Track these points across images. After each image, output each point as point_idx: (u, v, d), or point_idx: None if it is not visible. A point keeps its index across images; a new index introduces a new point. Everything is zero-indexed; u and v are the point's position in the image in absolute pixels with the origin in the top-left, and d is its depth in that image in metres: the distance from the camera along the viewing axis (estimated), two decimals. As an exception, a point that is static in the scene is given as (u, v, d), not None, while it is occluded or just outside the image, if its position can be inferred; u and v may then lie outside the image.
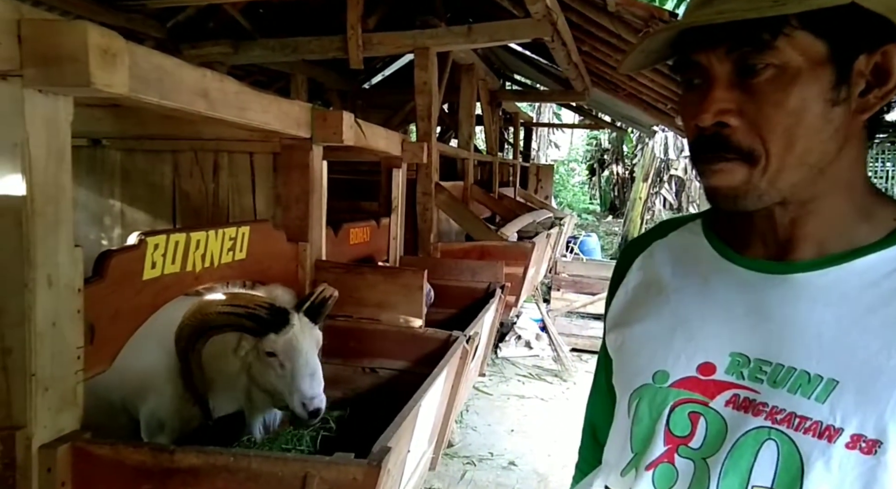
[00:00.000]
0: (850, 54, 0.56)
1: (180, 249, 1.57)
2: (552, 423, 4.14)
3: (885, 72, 0.57)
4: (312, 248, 2.25)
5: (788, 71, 0.56)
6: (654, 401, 0.66)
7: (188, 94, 1.48)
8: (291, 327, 1.61)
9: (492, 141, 6.52)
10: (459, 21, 4.49)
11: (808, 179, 0.59)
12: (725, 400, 0.62)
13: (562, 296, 6.46)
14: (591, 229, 13.15)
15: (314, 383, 1.60)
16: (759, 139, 0.58)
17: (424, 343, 2.27)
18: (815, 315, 0.59)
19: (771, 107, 0.57)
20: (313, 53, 3.82)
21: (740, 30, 0.56)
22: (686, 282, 0.70)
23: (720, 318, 0.65)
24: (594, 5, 3.63)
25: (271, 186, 2.26)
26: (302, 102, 2.14)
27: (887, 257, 0.59)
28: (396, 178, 3.34)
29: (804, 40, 0.55)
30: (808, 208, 0.62)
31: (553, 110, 15.70)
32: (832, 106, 0.57)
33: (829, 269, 0.60)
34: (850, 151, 0.60)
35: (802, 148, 0.57)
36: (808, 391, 0.57)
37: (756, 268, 0.64)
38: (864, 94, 0.58)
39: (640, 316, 0.72)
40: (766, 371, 0.60)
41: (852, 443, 0.54)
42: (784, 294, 0.62)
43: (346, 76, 5.64)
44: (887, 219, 0.61)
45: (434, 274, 3.29)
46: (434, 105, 3.76)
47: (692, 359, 0.65)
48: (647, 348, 0.69)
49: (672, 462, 0.63)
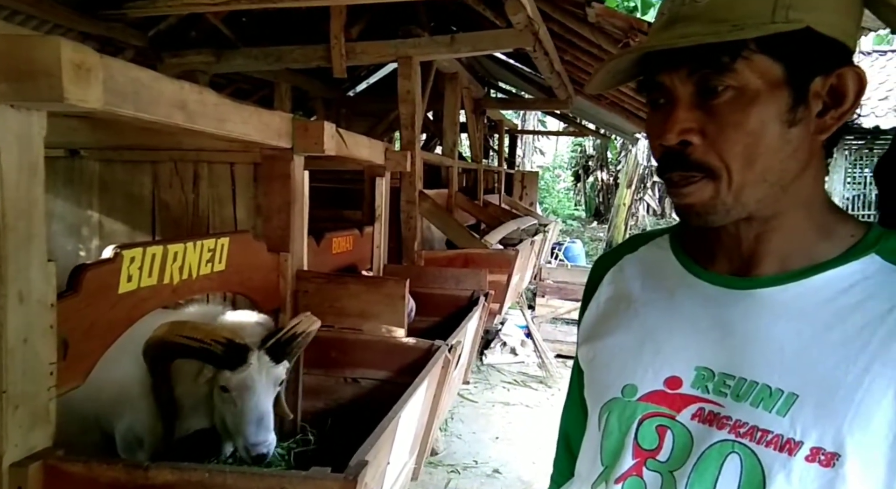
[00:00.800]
0: (807, 77, 0.58)
1: (157, 262, 1.56)
2: (537, 430, 4.14)
3: (840, 94, 0.59)
4: (294, 259, 2.24)
5: (747, 93, 0.58)
6: (623, 415, 0.67)
7: (166, 106, 1.47)
8: (247, 366, 1.55)
9: (476, 148, 6.55)
10: (442, 30, 4.52)
11: (771, 196, 0.61)
12: (691, 413, 0.63)
13: (547, 302, 6.47)
14: (576, 235, 13.22)
15: (260, 430, 1.54)
16: (719, 157, 0.59)
17: (406, 353, 2.27)
18: (777, 330, 0.60)
19: (731, 127, 0.58)
20: (296, 62, 3.82)
21: (701, 53, 0.57)
22: (654, 297, 0.71)
23: (686, 333, 0.66)
24: (575, 16, 3.67)
25: (252, 197, 2.25)
26: (283, 113, 2.14)
27: (843, 274, 0.60)
28: (380, 186, 3.34)
29: (762, 63, 0.57)
30: (771, 224, 0.63)
31: (538, 117, 15.81)
32: (789, 126, 0.59)
33: (789, 285, 0.62)
34: (812, 170, 0.62)
35: (762, 166, 0.59)
36: (770, 405, 0.58)
37: (720, 284, 0.66)
38: (821, 114, 0.60)
39: (611, 329, 0.74)
40: (729, 385, 0.61)
41: (811, 456, 0.55)
42: (747, 309, 0.63)
43: (331, 84, 5.65)
44: (845, 235, 0.63)
45: (418, 282, 3.30)
46: (418, 113, 3.78)
47: (659, 373, 0.66)
48: (617, 362, 0.71)
49: (640, 475, 0.64)
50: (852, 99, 0.59)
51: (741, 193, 0.60)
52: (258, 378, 1.57)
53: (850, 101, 0.59)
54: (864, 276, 0.59)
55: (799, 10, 0.55)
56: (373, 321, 2.28)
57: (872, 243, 0.61)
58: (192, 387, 1.61)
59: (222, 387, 1.57)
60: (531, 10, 3.31)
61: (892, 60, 9.26)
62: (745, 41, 0.56)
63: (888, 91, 7.81)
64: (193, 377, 1.60)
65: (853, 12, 0.60)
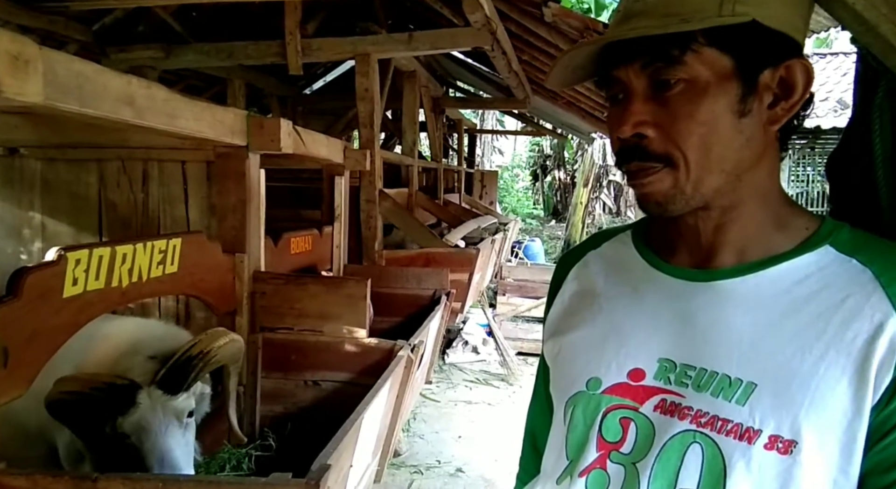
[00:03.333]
0: (755, 69, 0.60)
1: (104, 264, 1.49)
2: (499, 428, 4.17)
3: (789, 85, 0.61)
4: (250, 259, 2.18)
5: (698, 85, 0.59)
6: (587, 408, 0.67)
7: (112, 101, 1.41)
8: (137, 407, 1.38)
9: (436, 147, 6.54)
10: (400, 28, 4.49)
11: (728, 186, 0.62)
12: (654, 404, 0.63)
13: (507, 300, 6.53)
14: (536, 234, 13.37)
15: (164, 471, 1.36)
16: (677, 147, 0.61)
17: (368, 354, 2.24)
18: (736, 320, 0.61)
19: (683, 119, 0.60)
20: (250, 58, 3.73)
21: (652, 46, 0.59)
22: (617, 291, 0.72)
23: (649, 326, 0.67)
24: (532, 16, 3.70)
25: (205, 196, 2.18)
26: (237, 109, 2.08)
27: (799, 265, 0.62)
28: (339, 185, 3.30)
29: (711, 56, 0.59)
30: (729, 216, 0.64)
31: (496, 117, 15.91)
32: (740, 117, 0.60)
33: (748, 277, 0.63)
34: (766, 161, 0.64)
35: (717, 155, 0.61)
36: (730, 394, 0.59)
37: (682, 277, 0.67)
38: (772, 106, 0.61)
39: (575, 324, 0.74)
40: (690, 375, 0.62)
41: (770, 443, 0.56)
42: (707, 301, 0.64)
43: (286, 81, 5.54)
44: (800, 227, 0.64)
45: (379, 282, 3.26)
46: (376, 112, 3.74)
47: (623, 366, 0.66)
48: (582, 356, 0.71)
49: (604, 468, 0.64)
50: (801, 90, 0.61)
51: (700, 182, 0.61)
52: (153, 417, 1.39)
53: (798, 93, 0.61)
54: (819, 267, 0.61)
55: (745, 5, 0.57)
56: (333, 322, 2.24)
57: (826, 235, 0.63)
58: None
59: (121, 435, 1.38)
60: (489, 9, 3.32)
61: (831, 63, 9.70)
62: (694, 35, 0.58)
63: (828, 92, 8.18)
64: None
65: (801, 8, 0.61)
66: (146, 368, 1.46)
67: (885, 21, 0.62)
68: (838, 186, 0.76)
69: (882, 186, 0.69)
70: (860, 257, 0.60)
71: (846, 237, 0.62)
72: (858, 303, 0.57)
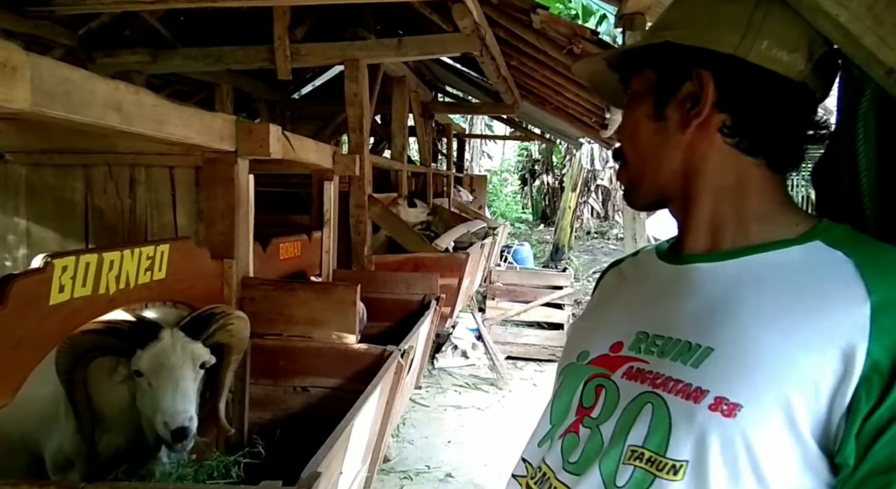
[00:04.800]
0: (672, 80, 0.69)
1: (91, 271, 1.47)
2: (488, 433, 4.17)
3: (698, 93, 0.67)
4: (239, 265, 2.17)
5: (635, 96, 0.73)
6: (574, 378, 0.72)
7: (99, 107, 1.40)
8: (159, 342, 1.51)
9: (425, 152, 6.55)
10: (389, 34, 4.49)
11: (673, 181, 0.71)
12: (623, 372, 0.67)
13: (497, 304, 6.53)
14: (524, 238, 13.40)
15: (177, 399, 1.47)
16: (627, 149, 0.75)
17: (358, 359, 2.23)
18: (708, 296, 0.65)
19: (624, 125, 0.75)
20: (239, 63, 3.71)
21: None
22: (629, 285, 0.80)
23: (636, 305, 0.73)
24: (520, 22, 3.73)
25: (193, 202, 2.17)
26: (226, 115, 2.07)
27: (782, 254, 0.64)
28: (328, 190, 3.29)
29: (646, 73, 0.72)
30: (689, 207, 0.71)
31: (485, 122, 15.96)
32: (656, 121, 0.70)
33: (728, 262, 0.67)
34: (713, 162, 0.69)
35: (643, 155, 0.72)
36: (688, 358, 0.61)
37: (673, 263, 0.73)
38: (689, 112, 0.68)
39: (590, 313, 0.83)
40: (658, 344, 0.66)
41: (715, 405, 0.57)
42: (687, 281, 0.69)
43: (275, 86, 5.52)
44: (788, 224, 0.67)
45: (368, 287, 3.26)
46: (366, 117, 3.74)
47: (607, 340, 0.72)
48: (580, 334, 0.78)
49: (577, 431, 0.68)
50: (707, 97, 0.66)
51: (641, 177, 0.73)
52: (172, 353, 1.50)
53: (703, 100, 0.66)
54: (805, 256, 0.63)
55: (665, 30, 0.69)
56: (323, 328, 2.23)
57: (820, 232, 0.65)
58: (110, 393, 1.53)
59: (136, 373, 1.48)
60: (478, 16, 3.33)
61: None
62: (637, 60, 0.73)
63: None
64: (109, 378, 1.51)
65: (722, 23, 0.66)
66: (171, 317, 1.64)
67: (868, 33, 0.63)
68: (824, 193, 0.78)
69: (866, 194, 0.70)
70: (846, 249, 0.61)
71: (840, 234, 0.64)
72: (834, 288, 0.58)
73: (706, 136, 0.68)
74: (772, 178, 0.69)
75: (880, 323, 0.54)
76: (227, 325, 1.68)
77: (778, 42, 0.65)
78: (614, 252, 12.05)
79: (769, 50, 0.65)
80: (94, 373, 1.52)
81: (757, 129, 0.67)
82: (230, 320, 1.70)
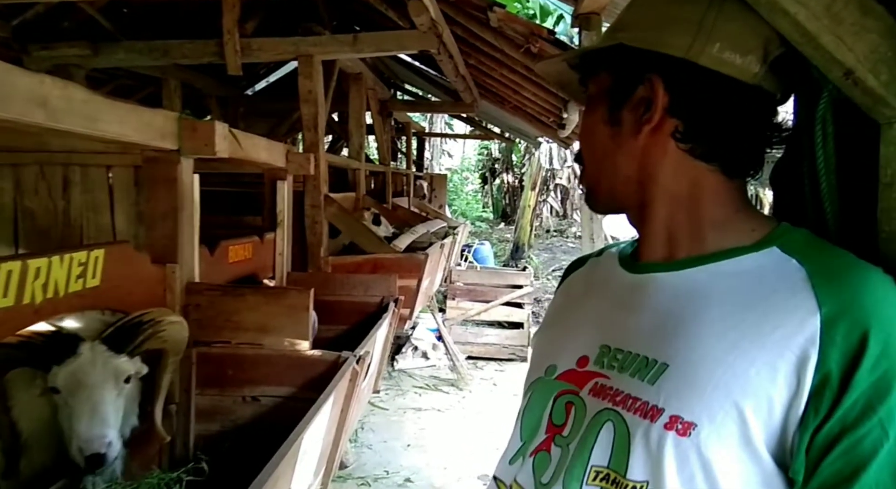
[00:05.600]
0: (624, 83, 0.66)
1: (14, 279, 1.36)
2: (449, 435, 4.13)
3: (650, 98, 0.65)
4: (183, 270, 2.06)
5: (591, 100, 0.71)
6: (543, 393, 0.71)
7: (22, 103, 1.29)
8: (76, 358, 1.38)
9: (384, 151, 6.46)
10: (345, 29, 4.40)
11: (629, 188, 0.69)
12: (589, 388, 0.66)
13: (457, 304, 6.50)
14: (485, 237, 13.44)
15: (93, 423, 1.35)
16: (584, 154, 0.73)
17: (311, 366, 2.15)
18: (664, 308, 0.64)
19: (581, 128, 0.73)
20: (186, 58, 3.56)
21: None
22: (591, 292, 0.77)
23: (599, 316, 0.71)
24: (478, 20, 3.69)
25: (133, 203, 2.05)
26: (167, 112, 1.96)
27: (737, 262, 0.62)
28: (281, 190, 3.18)
29: (602, 76, 0.69)
30: (644, 214, 0.69)
31: (445, 120, 15.94)
32: (611, 126, 0.68)
33: (685, 271, 0.65)
34: (667, 168, 0.66)
35: (598, 160, 0.70)
36: (645, 374, 0.60)
37: (633, 271, 0.71)
38: (642, 117, 0.66)
39: (553, 321, 0.81)
40: (619, 358, 0.64)
41: (670, 423, 0.56)
42: (646, 291, 0.67)
43: (227, 82, 5.34)
44: (745, 230, 0.65)
45: (325, 289, 3.17)
46: (321, 114, 3.64)
47: (574, 354, 0.70)
48: (547, 347, 0.76)
49: (548, 450, 0.67)
50: (657, 102, 0.64)
51: (597, 185, 0.72)
52: (91, 370, 1.38)
53: (654, 105, 0.64)
54: (758, 265, 0.61)
55: (620, 31, 0.67)
56: (274, 335, 2.14)
57: (776, 237, 0.63)
58: (29, 406, 1.42)
59: (52, 390, 1.36)
60: (434, 13, 3.28)
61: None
62: (593, 62, 0.70)
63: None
64: (28, 391, 1.40)
65: (673, 25, 0.63)
66: (94, 326, 1.49)
67: (826, 32, 0.61)
68: (784, 197, 0.75)
69: (826, 198, 0.68)
70: (799, 257, 0.60)
71: (797, 240, 0.62)
72: (784, 298, 0.57)
73: (659, 142, 0.66)
74: (728, 184, 0.67)
75: (830, 335, 0.53)
76: (158, 332, 1.57)
77: (731, 44, 0.62)
78: (573, 250, 12.20)
79: (721, 53, 0.62)
80: (14, 384, 1.40)
81: (710, 134, 0.65)
82: (161, 327, 1.59)
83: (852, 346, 0.52)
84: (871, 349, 0.52)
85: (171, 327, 1.63)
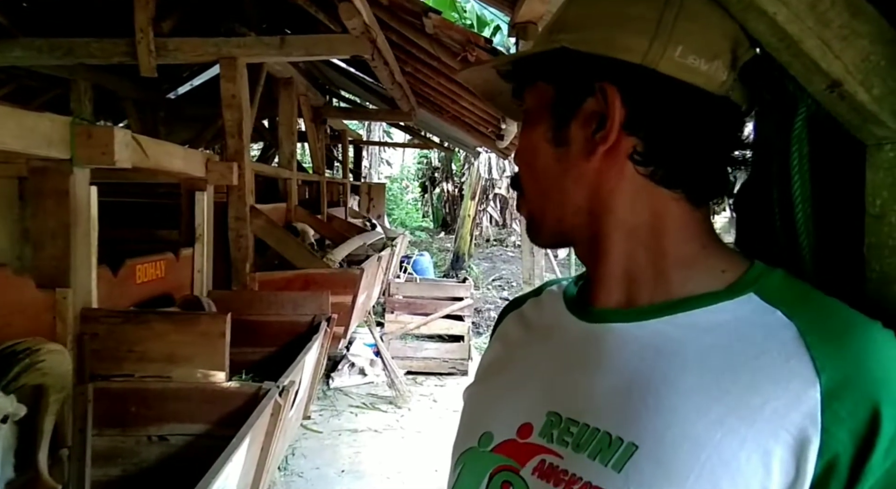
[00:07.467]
0: (573, 96, 0.56)
1: None
2: (385, 458, 3.95)
3: (602, 111, 0.54)
4: (77, 295, 1.82)
5: (529, 116, 0.60)
6: (475, 468, 0.59)
7: None
8: None
9: (318, 159, 6.24)
10: (276, 32, 4.18)
11: (579, 220, 0.58)
12: (533, 467, 0.54)
13: (396, 318, 6.33)
14: (425, 246, 13.32)
15: None
16: (524, 178, 0.61)
17: (228, 400, 1.95)
18: (628, 370, 0.52)
19: (518, 149, 0.61)
20: (94, 57, 3.25)
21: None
22: (533, 339, 0.65)
23: (545, 374, 0.59)
24: (413, 26, 3.58)
25: (16, 220, 1.80)
26: (57, 116, 1.73)
27: (711, 312, 0.52)
28: (200, 201, 2.94)
29: (540, 88, 0.58)
30: (596, 250, 0.58)
31: (383, 128, 15.75)
32: (556, 146, 0.57)
33: (649, 322, 0.54)
34: (624, 195, 0.56)
35: (542, 185, 0.59)
36: (607, 457, 0.49)
37: (585, 319, 0.59)
38: (594, 134, 0.55)
39: (488, 374, 0.68)
40: (573, 432, 0.53)
41: None
42: (599, 346, 0.56)
43: (145, 85, 4.98)
44: (713, 269, 0.55)
45: (250, 309, 2.95)
46: (245, 120, 3.41)
47: (514, 421, 0.58)
48: (481, 408, 0.64)
49: None
50: (613, 117, 0.53)
51: (541, 216, 0.60)
52: None
53: (609, 120, 0.53)
54: (736, 317, 0.51)
55: (561, 33, 0.55)
56: (184, 366, 1.92)
57: (752, 281, 0.53)
58: None
59: None
60: (367, 17, 3.14)
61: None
62: (529, 70, 0.59)
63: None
64: None
65: (628, 25, 0.53)
66: None
67: (809, 35, 0.51)
68: (749, 226, 0.65)
69: (802, 231, 0.58)
70: (785, 309, 0.50)
71: (776, 284, 0.52)
72: (774, 364, 0.47)
73: (615, 164, 0.55)
74: (692, 214, 0.57)
75: (833, 410, 0.44)
76: (35, 364, 1.39)
77: (695, 47, 0.52)
78: (513, 259, 12.26)
79: (684, 57, 0.52)
80: None
81: (673, 155, 0.54)
82: (39, 357, 1.40)
83: (862, 425, 0.43)
84: (885, 428, 0.42)
85: (51, 357, 1.44)
